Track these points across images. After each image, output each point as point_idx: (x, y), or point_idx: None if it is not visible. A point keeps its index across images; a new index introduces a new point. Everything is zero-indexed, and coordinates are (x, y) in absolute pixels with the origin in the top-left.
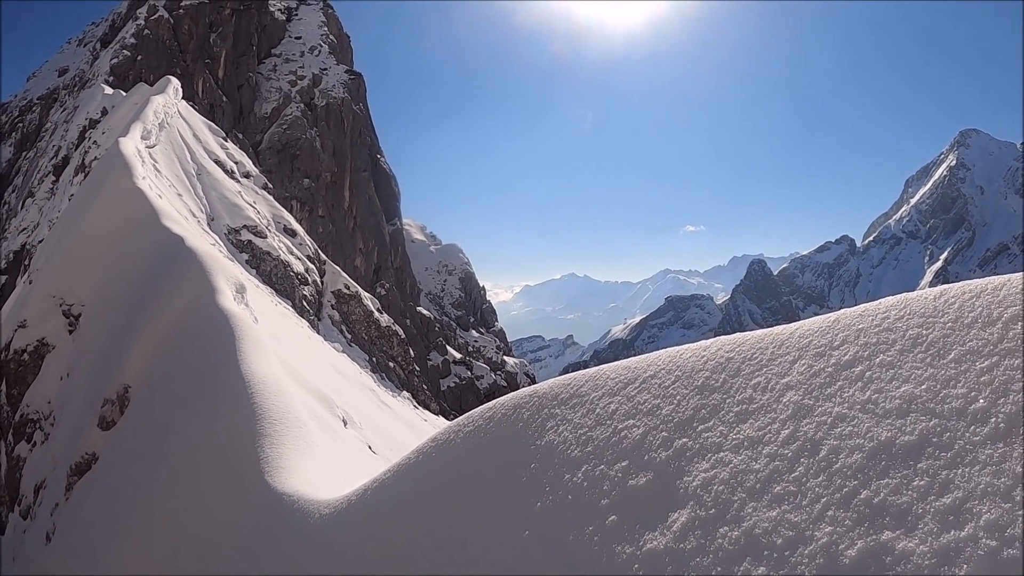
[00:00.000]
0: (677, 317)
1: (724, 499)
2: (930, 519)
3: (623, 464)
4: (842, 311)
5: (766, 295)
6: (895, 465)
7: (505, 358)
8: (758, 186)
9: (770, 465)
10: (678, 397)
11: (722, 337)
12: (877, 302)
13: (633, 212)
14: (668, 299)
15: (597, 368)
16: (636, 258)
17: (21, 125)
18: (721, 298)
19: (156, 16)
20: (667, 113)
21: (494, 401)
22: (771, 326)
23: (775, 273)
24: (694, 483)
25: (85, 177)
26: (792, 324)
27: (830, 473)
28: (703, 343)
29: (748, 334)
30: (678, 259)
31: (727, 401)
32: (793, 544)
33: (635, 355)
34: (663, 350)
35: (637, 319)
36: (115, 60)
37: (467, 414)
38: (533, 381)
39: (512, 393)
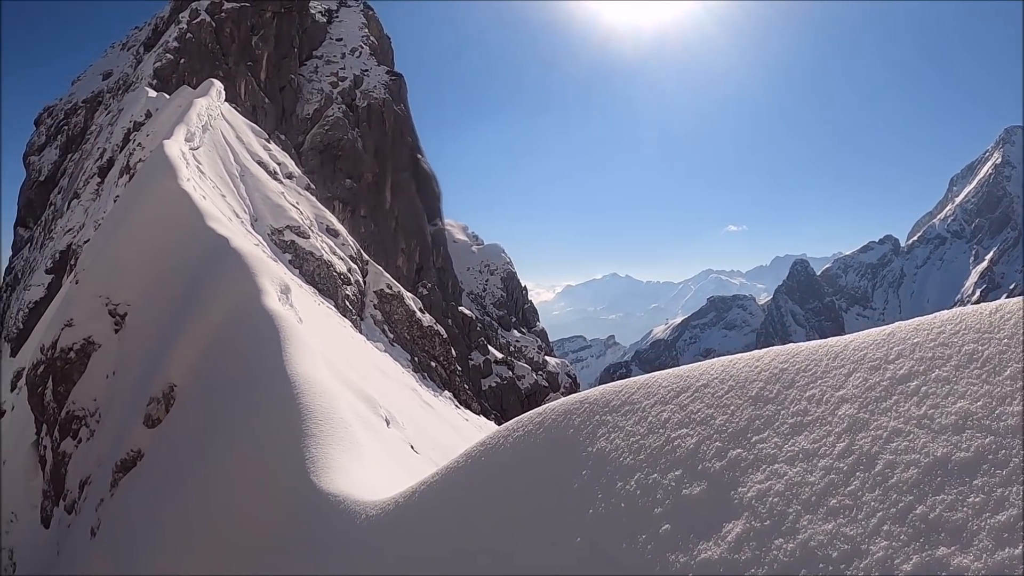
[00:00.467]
0: (719, 318)
1: (779, 511)
2: (985, 536)
3: (676, 473)
4: (896, 324)
5: (809, 296)
6: (951, 481)
7: (547, 358)
8: (801, 185)
9: (825, 478)
10: (732, 407)
11: (775, 347)
12: (932, 316)
13: (675, 212)
14: (710, 300)
15: (648, 376)
16: (678, 258)
17: (66, 128)
18: (763, 299)
19: (198, 20)
20: (710, 112)
21: (544, 406)
22: (814, 327)
23: (818, 273)
24: (749, 494)
25: (130, 179)
26: (846, 336)
27: (886, 488)
28: (756, 353)
29: (802, 345)
30: (720, 259)
31: (781, 412)
32: (848, 557)
33: (676, 355)
34: (715, 359)
35: (679, 319)
36: (158, 63)
37: (516, 419)
38: (574, 381)
39: (562, 399)
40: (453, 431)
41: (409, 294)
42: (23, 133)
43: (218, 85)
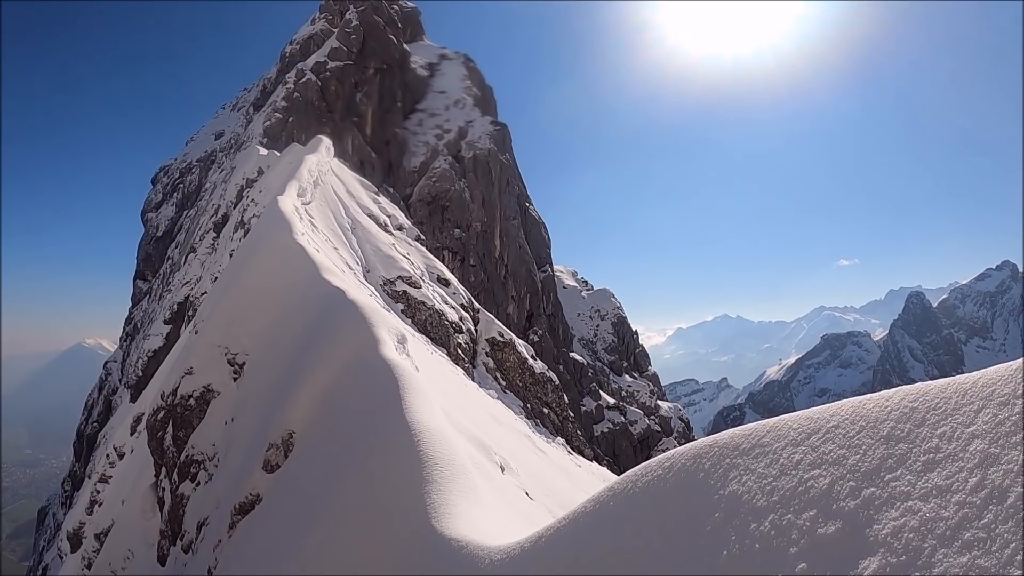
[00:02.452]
0: (834, 356)
1: (915, 546)
2: None
3: (811, 513)
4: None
5: (925, 329)
6: None
7: (659, 402)
8: (912, 214)
9: (959, 512)
10: (864, 447)
11: (904, 387)
12: None
13: (785, 249)
14: (824, 338)
15: (777, 419)
16: (790, 296)
17: (182, 186)
18: (879, 334)
19: (304, 79)
20: (813, 144)
21: (671, 451)
22: (932, 361)
23: (934, 305)
24: (884, 531)
25: (245, 234)
26: (974, 373)
27: (1018, 520)
28: (885, 393)
29: (930, 384)
30: (833, 295)
31: (914, 451)
32: None
33: (791, 396)
34: (844, 401)
35: (792, 359)
36: (268, 122)
37: (643, 464)
38: (687, 425)
39: (689, 444)
40: (566, 477)
41: (521, 341)
42: (141, 191)
43: (326, 141)
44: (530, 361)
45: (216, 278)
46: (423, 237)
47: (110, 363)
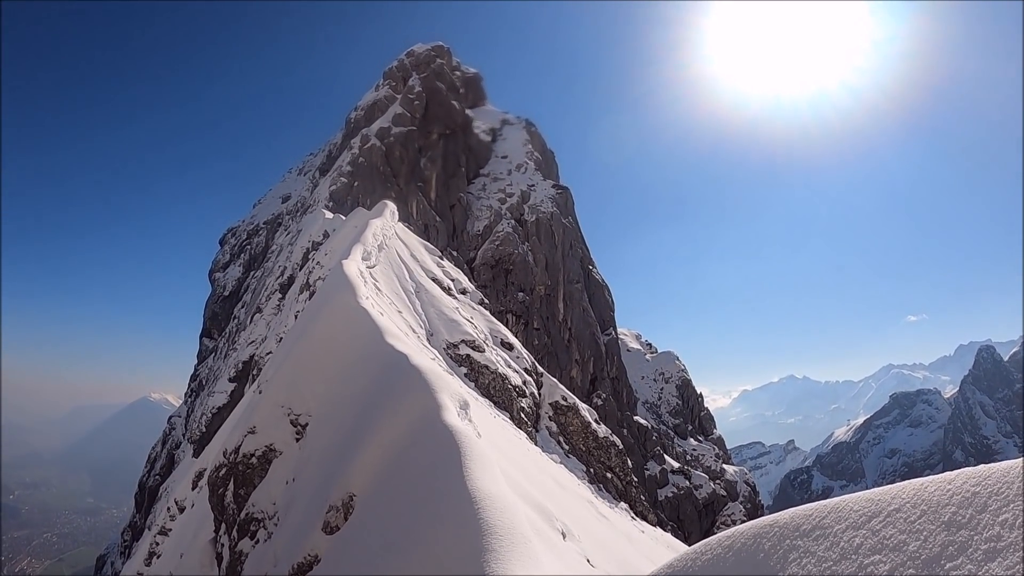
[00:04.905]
0: (903, 415)
1: None
2: None
3: None
4: None
5: (998, 384)
6: None
7: (724, 466)
8: (981, 266)
9: None
10: (924, 532)
11: (967, 469)
12: None
13: (851, 306)
14: (892, 396)
15: (839, 499)
16: (857, 355)
17: (249, 247)
18: (949, 391)
19: (369, 144)
20: (876, 197)
21: (732, 529)
22: (1005, 417)
23: (1005, 359)
24: None
25: (310, 296)
26: None
27: None
28: (947, 475)
29: (993, 467)
30: (901, 353)
31: (975, 538)
32: None
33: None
34: (906, 482)
35: (861, 420)
36: (333, 187)
37: (704, 542)
38: (753, 490)
39: (751, 522)
40: (629, 543)
41: (584, 405)
42: (209, 252)
43: (391, 206)
44: (593, 425)
45: (281, 339)
46: (486, 301)
47: (174, 417)
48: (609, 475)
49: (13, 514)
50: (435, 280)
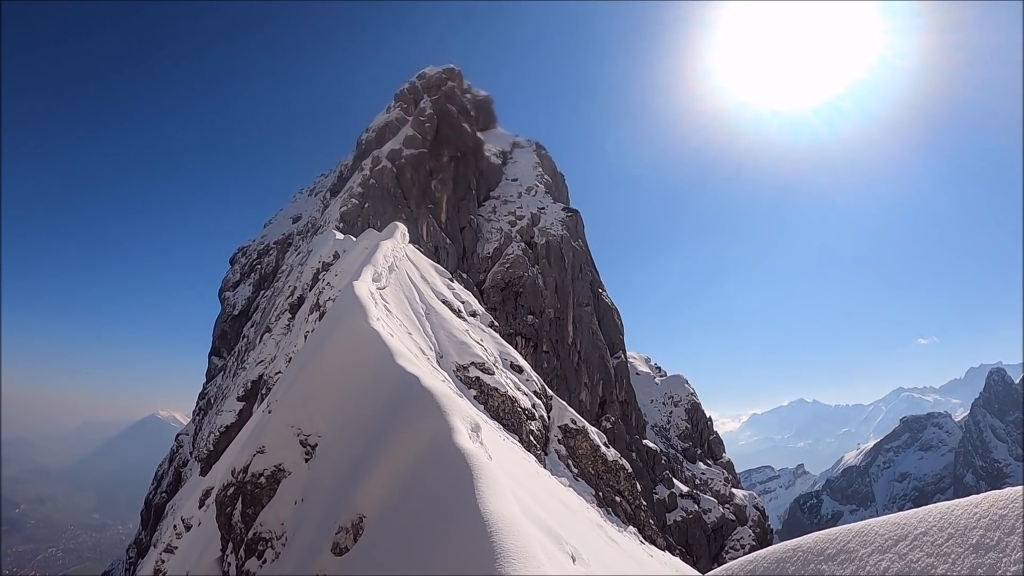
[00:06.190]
0: (913, 439)
1: None
2: None
3: None
4: None
5: (1009, 407)
6: None
7: (733, 490)
8: (992, 288)
9: None
10: (952, 556)
11: (992, 492)
12: None
13: (860, 330)
14: (903, 420)
15: (863, 523)
16: (867, 379)
17: (259, 267)
18: (960, 415)
19: (380, 166)
20: (888, 221)
21: (754, 554)
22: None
23: (1016, 381)
24: None
25: (320, 316)
26: None
27: None
28: (974, 499)
29: (1019, 489)
30: (911, 376)
31: (1004, 560)
32: None
33: (869, 481)
34: (932, 505)
35: (871, 443)
36: (344, 208)
37: (725, 566)
38: (763, 514)
39: (772, 547)
40: (638, 567)
41: (593, 428)
42: (219, 271)
43: (402, 227)
44: (602, 448)
45: (290, 359)
46: (496, 323)
47: (182, 435)
48: (618, 499)
49: (18, 528)
50: (445, 302)
